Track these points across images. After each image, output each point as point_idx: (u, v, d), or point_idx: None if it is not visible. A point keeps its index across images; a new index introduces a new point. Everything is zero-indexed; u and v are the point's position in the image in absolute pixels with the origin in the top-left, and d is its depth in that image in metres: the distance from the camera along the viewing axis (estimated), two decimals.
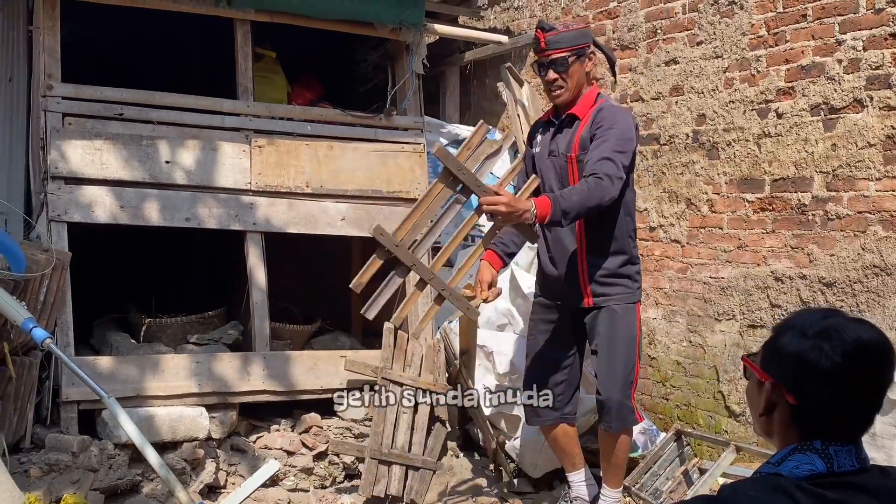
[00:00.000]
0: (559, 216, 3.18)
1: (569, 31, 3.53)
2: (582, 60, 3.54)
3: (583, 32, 3.59)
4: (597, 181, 3.26)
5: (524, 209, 3.13)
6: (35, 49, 4.76)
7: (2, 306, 3.52)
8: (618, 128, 3.42)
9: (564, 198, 3.21)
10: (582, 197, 3.22)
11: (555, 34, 3.49)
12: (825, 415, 1.48)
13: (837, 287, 4.21)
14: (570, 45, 3.50)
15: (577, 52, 3.52)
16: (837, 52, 4.21)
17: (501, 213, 3.14)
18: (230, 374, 4.57)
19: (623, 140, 3.40)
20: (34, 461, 3.95)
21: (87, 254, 4.67)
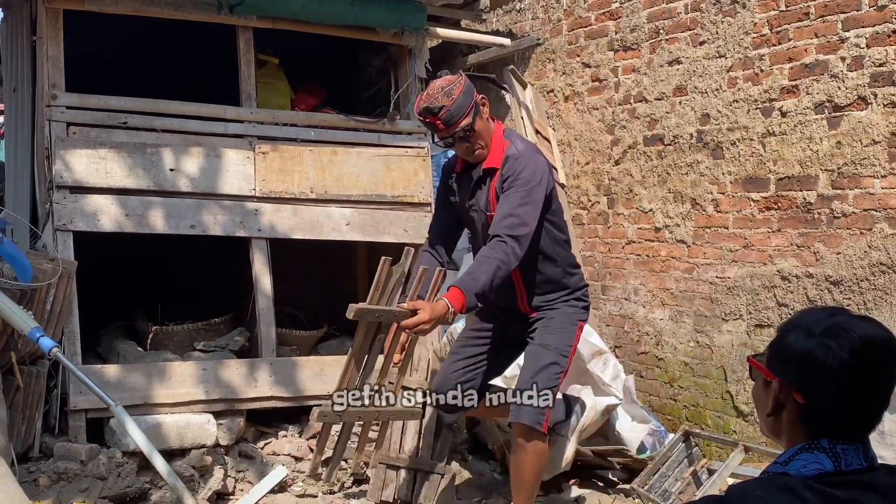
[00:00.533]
0: (474, 301, 3.19)
1: (456, 100, 3.35)
2: (480, 114, 3.43)
3: (465, 90, 3.39)
4: (500, 245, 3.25)
5: (443, 313, 3.13)
6: (39, 59, 4.78)
7: (9, 316, 3.53)
8: (522, 177, 3.36)
9: (474, 280, 3.20)
10: (489, 272, 3.21)
11: (446, 112, 3.33)
12: (833, 413, 1.47)
13: (844, 285, 4.20)
14: (465, 110, 3.36)
15: (473, 112, 3.39)
16: (841, 49, 4.20)
17: (426, 330, 3.15)
18: (237, 380, 4.57)
19: (527, 189, 3.34)
20: (43, 470, 3.96)
21: (93, 262, 4.69)
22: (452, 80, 3.40)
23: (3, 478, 2.87)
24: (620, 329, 5.57)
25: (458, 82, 3.40)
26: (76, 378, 3.63)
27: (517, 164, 3.40)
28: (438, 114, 3.33)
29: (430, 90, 3.39)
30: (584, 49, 5.81)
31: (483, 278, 3.20)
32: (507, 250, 3.24)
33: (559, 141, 6.04)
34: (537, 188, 3.37)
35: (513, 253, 3.25)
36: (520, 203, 3.32)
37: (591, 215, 5.79)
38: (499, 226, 3.31)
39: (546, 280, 3.61)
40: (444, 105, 3.33)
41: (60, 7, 4.65)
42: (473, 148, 3.46)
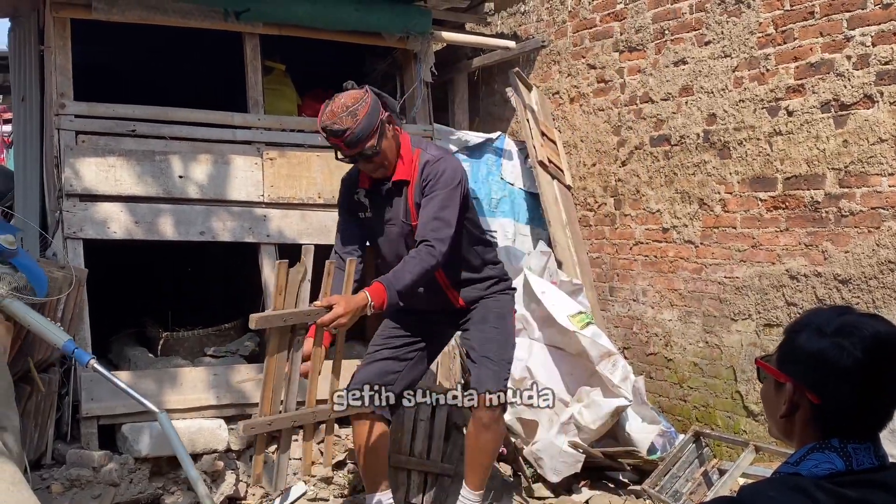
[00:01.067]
0: (395, 299, 3.18)
1: (360, 122, 3.26)
2: (386, 134, 3.36)
3: (370, 110, 3.30)
4: (427, 249, 3.27)
5: (361, 306, 3.10)
6: (47, 68, 4.81)
7: (41, 331, 3.57)
8: (442, 180, 3.36)
9: (398, 279, 3.19)
10: (414, 273, 3.21)
11: (350, 135, 3.26)
12: (847, 412, 1.48)
13: (853, 284, 4.20)
14: (368, 131, 3.27)
15: (379, 132, 3.31)
16: (846, 48, 4.20)
17: (344, 324, 3.11)
18: (248, 385, 4.58)
19: (448, 191, 3.35)
20: (56, 477, 3.98)
21: (103, 270, 4.71)
22: (358, 98, 3.31)
23: (17, 485, 2.89)
24: (629, 330, 5.58)
25: (364, 101, 3.31)
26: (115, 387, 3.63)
27: (436, 168, 3.39)
28: (342, 136, 3.27)
29: (333, 107, 3.30)
30: (590, 50, 5.82)
31: (408, 278, 3.20)
32: (435, 253, 3.26)
33: (565, 143, 6.05)
34: (456, 189, 3.39)
35: (439, 255, 3.27)
36: (441, 206, 3.33)
37: (598, 216, 5.80)
38: (424, 230, 3.32)
39: (469, 277, 3.63)
40: (349, 127, 3.25)
41: (68, 16, 4.68)
42: (377, 167, 3.41)
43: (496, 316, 3.64)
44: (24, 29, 5.24)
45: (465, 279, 3.62)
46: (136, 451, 4.14)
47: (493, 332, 3.60)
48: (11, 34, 5.48)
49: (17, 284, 3.71)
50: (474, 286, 3.64)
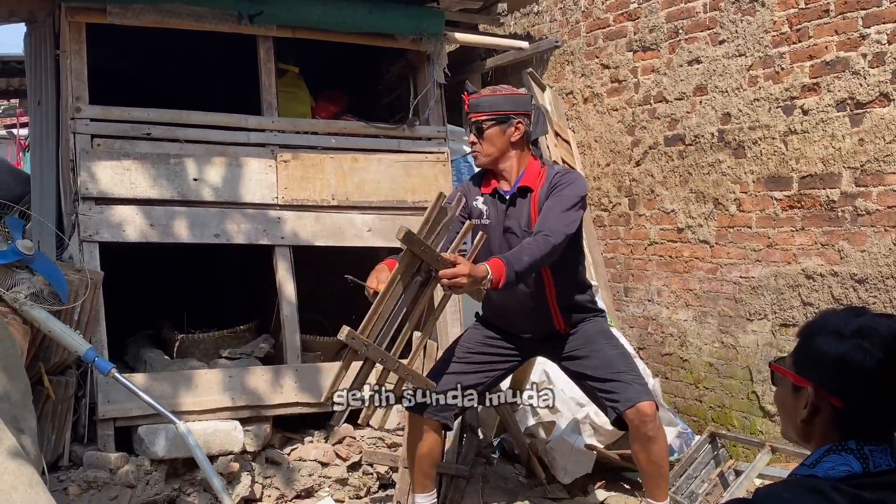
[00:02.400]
0: (513, 279, 3.15)
1: (492, 96, 3.49)
2: (504, 127, 3.46)
3: (509, 99, 3.50)
4: (545, 238, 3.23)
5: (482, 276, 3.07)
6: (62, 72, 4.84)
7: (62, 338, 3.61)
8: (575, 190, 3.40)
9: (517, 260, 3.16)
10: (533, 256, 3.18)
11: (476, 97, 3.49)
12: (868, 414, 1.47)
13: (869, 283, 4.17)
14: (490, 110, 3.46)
15: (497, 119, 3.45)
16: (861, 46, 4.18)
17: (462, 285, 3.07)
18: (263, 387, 4.60)
19: (573, 197, 3.38)
20: (73, 479, 4.00)
21: (119, 272, 4.73)
22: (515, 91, 3.58)
23: (34, 487, 2.91)
24: (644, 331, 5.56)
25: (516, 94, 3.56)
26: (135, 395, 3.68)
27: (567, 178, 3.45)
28: (472, 94, 3.50)
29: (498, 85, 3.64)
30: (603, 50, 5.80)
31: (526, 260, 3.17)
32: (552, 241, 3.22)
33: (579, 143, 6.04)
34: (583, 201, 3.44)
35: (557, 246, 3.24)
36: (565, 207, 3.34)
37: (613, 217, 5.78)
38: (544, 223, 3.30)
39: (575, 300, 3.61)
40: (484, 94, 3.48)
41: (83, 21, 4.71)
42: (478, 149, 3.51)
43: (602, 334, 3.60)
44: (40, 33, 5.27)
45: (570, 300, 3.59)
46: (153, 452, 4.16)
47: (610, 349, 3.54)
48: (28, 39, 5.51)
49: (34, 289, 3.75)
50: (576, 311, 3.62)
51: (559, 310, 3.56)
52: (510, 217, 3.50)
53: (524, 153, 3.53)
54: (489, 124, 3.45)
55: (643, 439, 3.39)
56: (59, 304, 3.81)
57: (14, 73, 7.05)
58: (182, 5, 4.78)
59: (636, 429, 3.37)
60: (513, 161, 3.51)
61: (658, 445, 3.42)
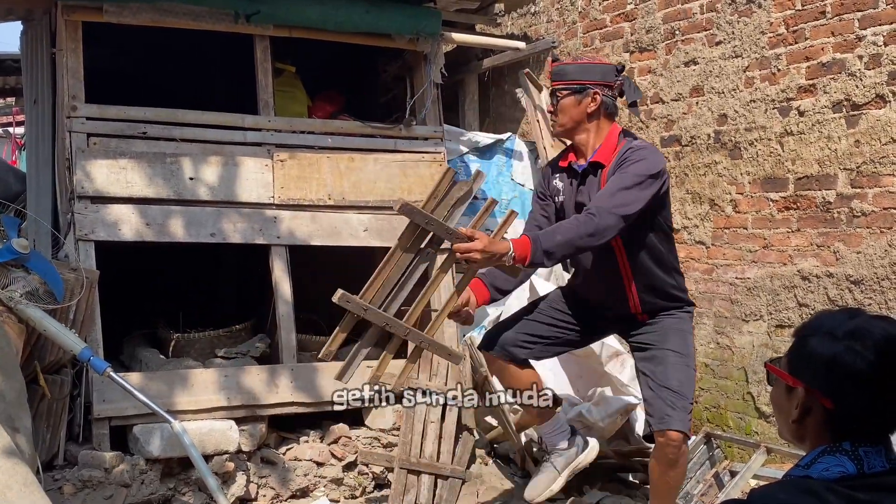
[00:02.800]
0: (540, 258, 3.04)
1: (573, 65, 3.41)
2: (579, 97, 3.35)
3: (589, 68, 3.39)
4: (588, 217, 3.09)
5: (501, 252, 2.99)
6: (59, 71, 4.83)
7: (58, 337, 3.61)
8: (639, 165, 3.21)
9: (547, 237, 3.06)
10: (567, 235, 3.06)
11: (559, 65, 3.42)
12: (860, 416, 1.47)
13: (865, 285, 4.17)
14: (569, 79, 3.36)
15: (574, 88, 3.34)
16: (858, 48, 4.19)
17: (477, 260, 3.02)
18: (258, 386, 4.60)
19: (635, 175, 3.18)
20: (67, 478, 4.00)
21: (115, 271, 4.73)
22: (597, 60, 3.57)
23: (29, 486, 2.90)
24: None
25: (597, 63, 3.48)
26: (131, 395, 3.67)
27: (636, 155, 3.26)
28: (556, 62, 3.47)
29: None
30: (600, 51, 5.81)
31: (558, 238, 3.06)
32: (597, 222, 3.07)
33: None
34: (650, 181, 3.20)
35: (603, 228, 3.07)
36: (623, 186, 3.15)
37: None
38: (598, 200, 3.16)
39: (655, 284, 3.43)
40: (568, 63, 3.44)
41: (79, 19, 4.70)
42: (554, 117, 3.43)
43: (677, 336, 3.42)
44: (36, 32, 5.26)
45: (650, 284, 3.42)
46: (148, 452, 4.16)
47: (675, 359, 3.37)
48: (24, 37, 5.50)
49: (30, 288, 3.75)
50: (658, 297, 3.45)
51: (636, 292, 3.42)
52: (581, 193, 3.40)
53: (601, 126, 3.40)
54: (564, 94, 3.37)
55: (664, 460, 3.35)
56: (54, 302, 3.80)
57: (10, 71, 7.03)
58: (179, 4, 4.77)
59: (660, 449, 3.33)
60: (589, 134, 3.40)
61: (676, 471, 3.38)
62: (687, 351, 3.42)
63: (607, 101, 3.38)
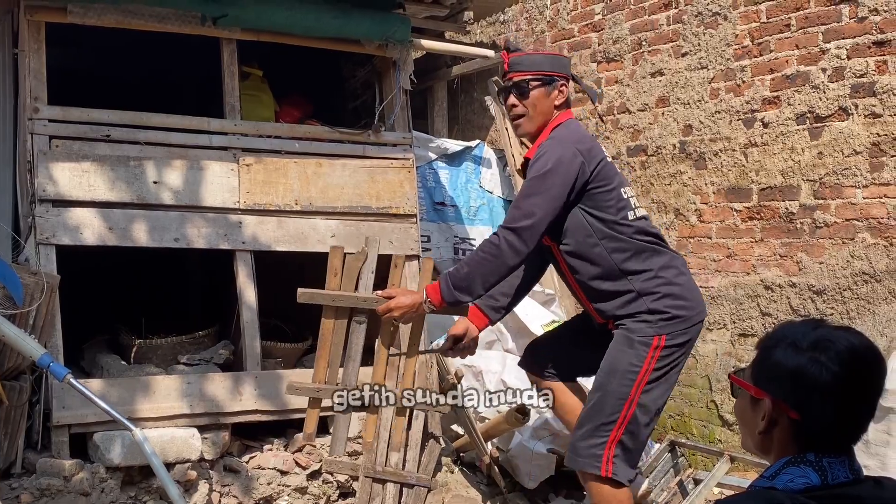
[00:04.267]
0: (451, 295, 2.94)
1: (536, 55, 3.20)
2: (549, 89, 3.11)
3: (554, 60, 3.19)
4: (488, 241, 2.97)
5: (417, 302, 2.96)
6: (21, 72, 4.75)
7: (16, 343, 3.54)
8: (535, 167, 3.00)
9: (455, 272, 2.97)
10: (471, 264, 2.95)
11: (519, 55, 3.18)
12: (827, 427, 1.48)
13: (827, 294, 4.23)
14: (535, 69, 3.11)
15: (543, 79, 3.10)
16: (821, 60, 4.25)
17: (396, 318, 3.01)
18: (222, 394, 4.54)
19: (538, 178, 2.96)
20: (25, 486, 3.92)
21: (76, 276, 4.65)
22: (556, 53, 3.31)
23: None
24: None
25: (559, 55, 3.29)
26: (91, 402, 3.62)
27: (538, 153, 3.06)
28: (512, 52, 3.29)
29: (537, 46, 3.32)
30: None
31: (464, 270, 2.95)
32: (498, 243, 2.93)
33: None
34: (549, 176, 2.96)
35: (508, 247, 2.90)
36: (527, 194, 2.97)
37: None
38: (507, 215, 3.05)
39: (600, 288, 3.11)
40: (534, 53, 3.25)
41: (42, 20, 4.63)
42: (518, 111, 3.15)
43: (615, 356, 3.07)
44: None
45: (596, 289, 3.12)
46: (108, 460, 4.09)
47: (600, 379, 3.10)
48: None
49: None
50: (606, 301, 3.12)
51: (587, 302, 3.20)
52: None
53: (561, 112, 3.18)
54: (534, 84, 3.11)
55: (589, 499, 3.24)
56: (13, 307, 3.74)
57: None
58: (144, 6, 4.72)
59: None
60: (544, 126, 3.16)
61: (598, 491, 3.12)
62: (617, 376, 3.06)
63: (568, 96, 3.22)
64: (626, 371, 3.03)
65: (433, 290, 3.00)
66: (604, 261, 3.07)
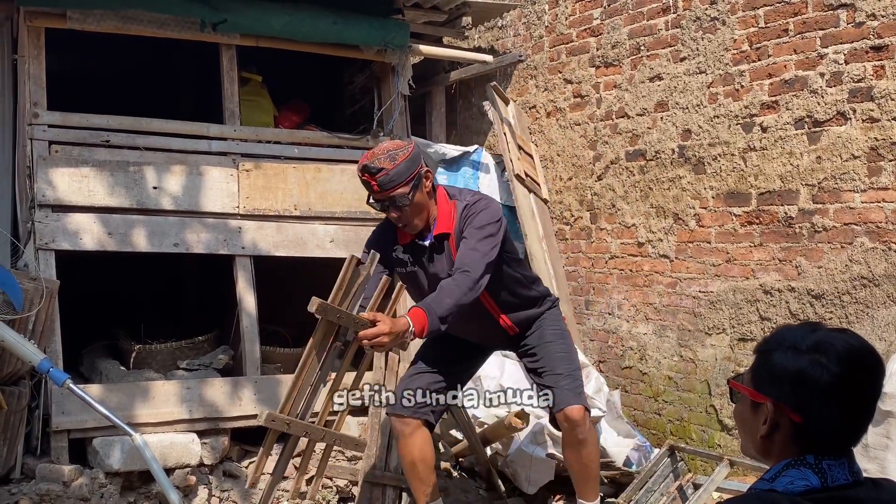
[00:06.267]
0: (437, 324, 3.11)
1: (398, 166, 3.22)
2: (421, 186, 3.30)
3: (410, 158, 3.28)
4: (463, 274, 3.20)
5: (403, 329, 3.04)
6: (20, 77, 4.76)
7: (16, 348, 3.54)
8: (480, 218, 3.33)
9: (438, 304, 3.13)
10: (454, 297, 3.15)
11: (384, 175, 3.21)
12: (829, 429, 1.48)
13: (826, 299, 4.23)
14: (404, 178, 3.23)
15: (414, 183, 3.25)
16: (820, 65, 4.25)
17: (384, 344, 3.04)
18: (221, 399, 4.55)
19: (487, 225, 3.32)
20: (25, 492, 3.92)
21: (76, 280, 4.65)
22: (400, 146, 3.31)
23: None
24: (604, 344, 5.59)
25: (405, 149, 3.30)
26: (91, 407, 3.61)
27: (477, 207, 3.38)
28: (375, 175, 3.22)
29: (375, 149, 3.31)
30: (566, 65, 5.85)
31: (448, 302, 3.13)
32: (473, 276, 3.20)
33: (542, 157, 6.07)
34: (498, 225, 3.36)
35: (475, 284, 3.22)
36: (484, 236, 3.30)
37: (574, 230, 5.82)
38: (462, 260, 3.26)
39: (520, 303, 3.63)
40: (384, 168, 3.21)
41: (42, 25, 4.64)
42: (407, 219, 3.33)
43: (554, 332, 3.66)
44: None
45: (517, 306, 3.61)
46: (108, 465, 4.09)
47: (554, 348, 3.61)
48: None
49: None
50: (526, 312, 3.64)
51: (507, 320, 3.61)
52: (434, 265, 3.44)
53: (435, 199, 3.43)
54: (414, 192, 3.27)
55: (573, 442, 3.56)
56: (12, 312, 3.74)
57: None
58: (143, 12, 4.73)
59: (567, 432, 3.55)
60: (430, 211, 3.40)
61: (588, 449, 3.59)
62: (564, 337, 3.68)
63: (430, 176, 3.38)
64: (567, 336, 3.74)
65: (417, 319, 3.07)
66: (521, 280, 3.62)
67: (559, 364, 3.57)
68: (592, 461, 3.65)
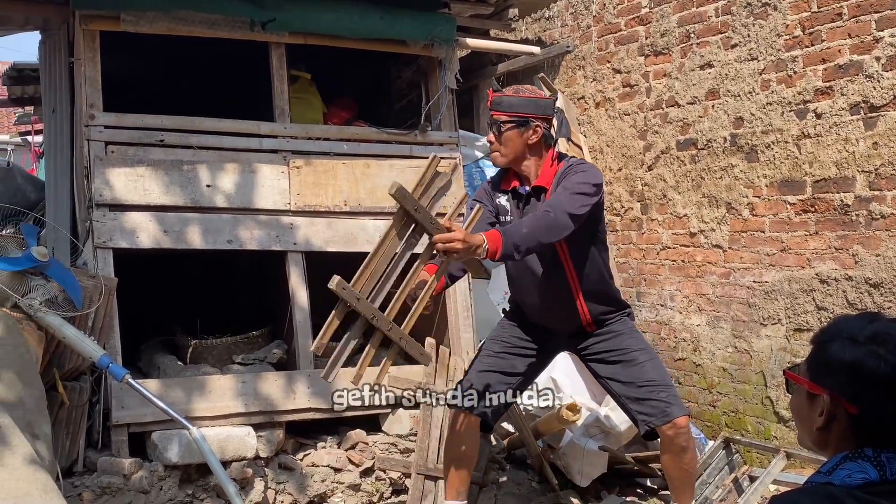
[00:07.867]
0: (511, 250, 3.08)
1: (514, 97, 3.43)
2: (522, 130, 3.41)
3: (532, 102, 3.44)
4: (545, 213, 3.20)
5: (477, 244, 3.01)
6: (77, 80, 4.87)
7: (77, 345, 3.64)
8: (578, 175, 3.34)
9: (514, 231, 3.12)
10: (532, 228, 3.13)
11: (499, 96, 3.44)
12: (885, 421, 1.45)
13: (884, 287, 4.14)
14: (511, 111, 3.41)
15: (517, 121, 3.40)
16: (875, 49, 4.16)
17: (457, 251, 2.99)
18: (276, 393, 4.61)
19: (583, 183, 3.30)
20: (87, 485, 4.02)
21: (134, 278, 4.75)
22: (536, 93, 3.52)
23: (49, 493, 2.92)
24: (657, 335, 5.54)
25: (534, 94, 3.50)
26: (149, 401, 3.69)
27: (578, 168, 3.41)
28: (496, 93, 3.46)
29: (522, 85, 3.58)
30: (615, 55, 5.80)
31: (524, 231, 3.11)
32: (554, 217, 3.17)
33: (591, 147, 6.03)
34: (594, 188, 3.32)
35: (559, 224, 3.17)
36: (575, 191, 3.26)
37: (625, 221, 5.77)
38: (552, 200, 3.27)
39: (601, 292, 3.57)
40: (508, 94, 3.44)
41: (97, 28, 4.74)
42: (496, 147, 3.47)
43: (633, 339, 3.58)
44: (55, 41, 5.31)
45: (595, 293, 3.54)
46: (166, 458, 4.18)
47: (643, 357, 3.53)
48: (42, 47, 5.56)
49: (49, 296, 3.77)
50: (602, 305, 3.58)
51: (584, 302, 3.53)
52: (527, 214, 3.46)
53: (542, 155, 3.49)
54: (508, 126, 3.41)
55: (676, 449, 3.49)
56: (73, 310, 3.83)
57: (29, 80, 7.10)
58: (194, 13, 4.81)
59: (670, 440, 3.47)
60: (530, 163, 3.48)
61: (689, 455, 3.53)
62: (647, 346, 3.61)
63: (546, 134, 3.47)
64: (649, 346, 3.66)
65: (494, 240, 3.06)
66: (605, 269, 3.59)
67: (652, 374, 3.49)
68: (692, 466, 3.61)
